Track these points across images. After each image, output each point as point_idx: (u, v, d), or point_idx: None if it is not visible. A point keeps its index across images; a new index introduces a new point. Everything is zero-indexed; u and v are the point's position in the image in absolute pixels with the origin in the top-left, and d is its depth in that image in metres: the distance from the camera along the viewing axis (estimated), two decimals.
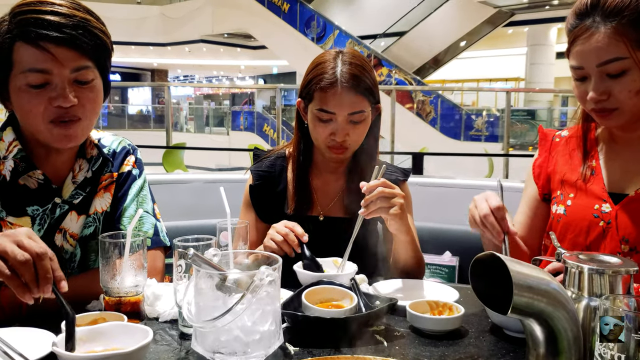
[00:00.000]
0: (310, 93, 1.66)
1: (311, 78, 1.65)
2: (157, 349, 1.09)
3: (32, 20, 1.24)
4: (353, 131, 1.64)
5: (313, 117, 1.66)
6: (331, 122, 1.63)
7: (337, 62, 1.63)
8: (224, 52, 24.83)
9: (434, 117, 14.53)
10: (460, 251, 2.06)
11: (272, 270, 0.91)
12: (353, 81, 1.60)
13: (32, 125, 1.31)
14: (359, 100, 1.61)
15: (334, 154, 1.67)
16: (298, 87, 1.92)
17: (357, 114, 1.62)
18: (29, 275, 1.00)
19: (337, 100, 1.60)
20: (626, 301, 0.85)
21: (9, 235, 1.03)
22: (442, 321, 1.19)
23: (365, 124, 1.66)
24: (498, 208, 1.29)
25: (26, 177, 1.36)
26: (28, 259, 1.00)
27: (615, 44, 1.24)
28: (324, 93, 1.61)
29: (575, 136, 1.50)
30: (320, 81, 1.61)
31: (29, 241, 1.02)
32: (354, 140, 1.66)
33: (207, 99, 31.41)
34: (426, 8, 17.02)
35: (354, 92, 1.60)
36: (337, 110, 1.61)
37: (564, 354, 0.88)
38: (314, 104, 1.65)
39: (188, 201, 2.60)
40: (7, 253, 1.00)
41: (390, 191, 1.44)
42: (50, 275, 1.01)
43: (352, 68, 1.61)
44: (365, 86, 1.62)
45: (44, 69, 1.25)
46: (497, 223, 1.29)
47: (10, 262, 1.00)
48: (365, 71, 1.64)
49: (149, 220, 1.51)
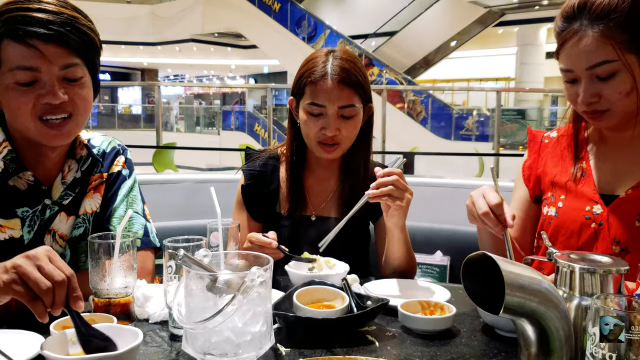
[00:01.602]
0: (301, 88, 1.67)
1: (302, 74, 1.67)
2: (147, 350, 1.08)
3: (19, 18, 1.24)
4: (344, 126, 1.64)
5: (304, 113, 1.66)
6: (322, 117, 1.63)
7: (329, 57, 1.64)
8: (214, 51, 24.79)
9: (425, 117, 14.58)
10: (452, 251, 2.07)
11: (263, 271, 0.91)
12: (343, 74, 1.61)
13: (21, 123, 1.30)
14: (350, 94, 1.62)
15: (325, 152, 1.67)
16: (289, 86, 1.92)
17: (348, 107, 1.62)
18: (49, 302, 1.00)
19: (327, 93, 1.61)
20: (617, 300, 0.85)
21: (31, 258, 1.02)
22: (434, 321, 1.19)
23: (355, 120, 1.66)
24: (496, 205, 1.28)
25: (16, 178, 1.35)
26: (49, 287, 1.00)
27: (604, 47, 1.24)
28: (314, 87, 1.62)
29: (566, 135, 1.51)
30: (311, 75, 1.63)
31: (50, 267, 1.02)
32: (345, 136, 1.66)
33: (197, 99, 31.28)
34: (417, 8, 17.07)
35: (344, 86, 1.61)
36: (327, 103, 1.61)
37: (555, 354, 0.88)
38: (304, 99, 1.65)
39: (178, 201, 2.59)
40: (30, 279, 1.00)
41: (404, 184, 1.47)
42: (64, 301, 1.01)
43: (342, 62, 1.63)
44: (356, 80, 1.63)
45: (32, 66, 1.24)
46: (497, 219, 1.28)
47: (33, 288, 1.00)
48: (356, 67, 1.65)
49: (138, 221, 1.50)
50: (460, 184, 2.64)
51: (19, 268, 1.00)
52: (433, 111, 14.65)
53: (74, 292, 1.02)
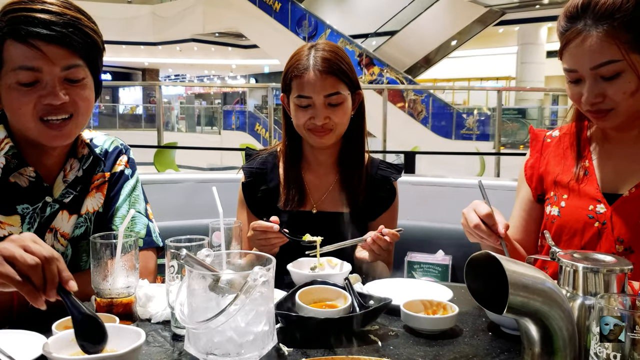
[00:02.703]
0: (288, 84, 1.72)
1: (287, 69, 1.72)
2: (149, 350, 1.08)
3: (22, 18, 1.24)
4: (333, 114, 1.68)
5: (294, 106, 1.71)
6: (310, 108, 1.68)
7: (311, 51, 1.70)
8: (215, 51, 24.77)
9: (426, 116, 14.56)
10: (454, 250, 2.06)
11: (265, 270, 0.91)
12: (325, 64, 1.66)
13: (22, 123, 1.30)
14: (334, 82, 1.66)
15: (318, 137, 1.70)
16: None
17: (334, 95, 1.66)
18: (38, 280, 0.98)
19: (312, 84, 1.65)
20: (621, 300, 0.85)
21: (14, 240, 1.01)
22: (437, 320, 1.19)
23: (344, 107, 1.70)
24: (487, 216, 1.29)
25: (17, 174, 1.35)
26: (38, 262, 0.97)
27: (608, 47, 1.23)
28: (299, 80, 1.67)
29: (568, 134, 1.50)
30: (295, 70, 1.68)
31: (35, 245, 1.00)
32: (336, 122, 1.69)
33: (198, 98, 31.30)
34: (417, 7, 17.05)
35: (327, 75, 1.66)
36: (313, 94, 1.66)
37: (559, 353, 0.88)
38: (293, 93, 1.70)
39: (180, 201, 2.58)
40: (16, 258, 0.98)
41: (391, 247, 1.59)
42: (57, 279, 0.99)
43: (324, 53, 1.68)
44: (338, 68, 1.67)
45: (34, 66, 1.24)
46: (490, 230, 1.29)
47: (20, 267, 0.97)
48: (337, 55, 1.69)
49: (141, 221, 1.50)
50: (462, 183, 2.64)
51: (3, 250, 0.98)
52: (434, 110, 14.63)
53: (62, 272, 1.00)
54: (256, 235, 1.55)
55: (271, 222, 1.54)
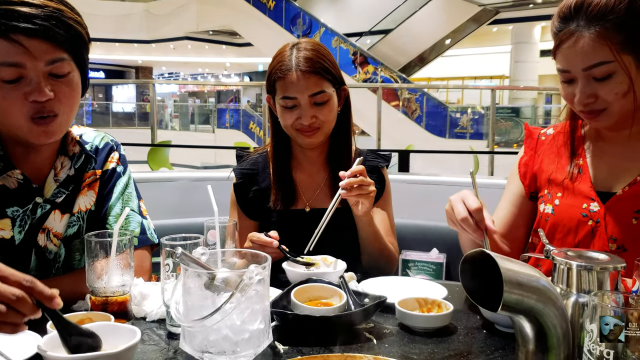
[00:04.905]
0: (272, 85, 1.71)
1: (271, 70, 1.72)
2: (144, 349, 1.08)
3: (2, 12, 1.19)
4: (319, 112, 1.68)
5: (280, 108, 1.71)
6: (296, 108, 1.68)
7: (293, 51, 1.69)
8: (209, 49, 24.71)
9: (420, 115, 14.59)
10: (448, 248, 2.06)
11: (261, 268, 0.91)
12: (308, 64, 1.65)
13: (11, 123, 1.26)
14: (318, 81, 1.66)
15: (306, 136, 1.70)
16: None
17: (319, 94, 1.66)
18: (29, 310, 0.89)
19: (295, 85, 1.65)
20: (614, 297, 0.86)
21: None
22: (432, 318, 1.19)
23: (330, 105, 1.70)
24: (476, 210, 1.26)
25: (5, 177, 1.32)
26: (21, 295, 0.88)
27: (600, 48, 1.23)
28: (283, 81, 1.67)
29: (563, 132, 1.51)
30: (278, 72, 1.67)
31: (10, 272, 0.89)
32: (323, 120, 1.69)
33: (192, 97, 31.17)
34: (411, 6, 17.08)
35: (310, 74, 1.65)
36: (298, 95, 1.65)
37: (553, 351, 0.88)
38: (277, 94, 1.70)
39: (174, 199, 2.58)
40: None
41: (368, 180, 1.56)
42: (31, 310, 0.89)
43: (306, 53, 1.67)
44: (321, 67, 1.67)
45: (17, 62, 1.20)
46: (477, 225, 1.26)
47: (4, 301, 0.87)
48: (319, 53, 1.69)
49: (135, 219, 1.49)
50: (456, 182, 2.64)
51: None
52: (428, 109, 14.66)
53: (43, 294, 0.89)
54: (254, 248, 1.52)
55: (271, 237, 1.51)
